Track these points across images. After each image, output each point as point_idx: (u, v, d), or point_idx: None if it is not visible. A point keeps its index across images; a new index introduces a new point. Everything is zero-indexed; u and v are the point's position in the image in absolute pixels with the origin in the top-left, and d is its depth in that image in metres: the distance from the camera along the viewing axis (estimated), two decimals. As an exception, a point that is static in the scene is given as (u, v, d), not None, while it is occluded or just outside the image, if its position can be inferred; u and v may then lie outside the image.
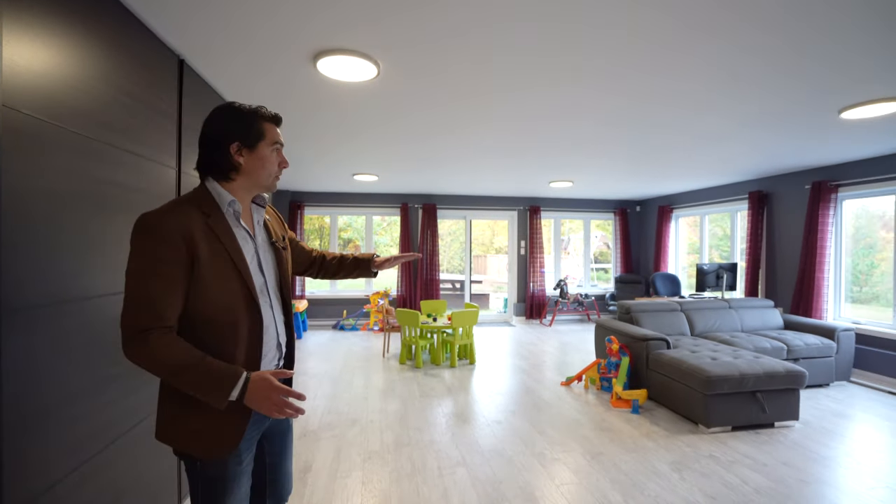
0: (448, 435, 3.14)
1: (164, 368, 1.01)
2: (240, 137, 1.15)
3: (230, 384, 1.03)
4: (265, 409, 1.06)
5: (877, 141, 3.78)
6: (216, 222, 1.13)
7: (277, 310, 1.26)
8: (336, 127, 3.51)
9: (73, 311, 1.44)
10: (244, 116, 1.17)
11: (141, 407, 1.83)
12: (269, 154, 1.19)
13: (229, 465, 1.13)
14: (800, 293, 4.95)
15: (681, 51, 2.13)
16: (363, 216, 7.86)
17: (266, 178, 1.21)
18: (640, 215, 8.51)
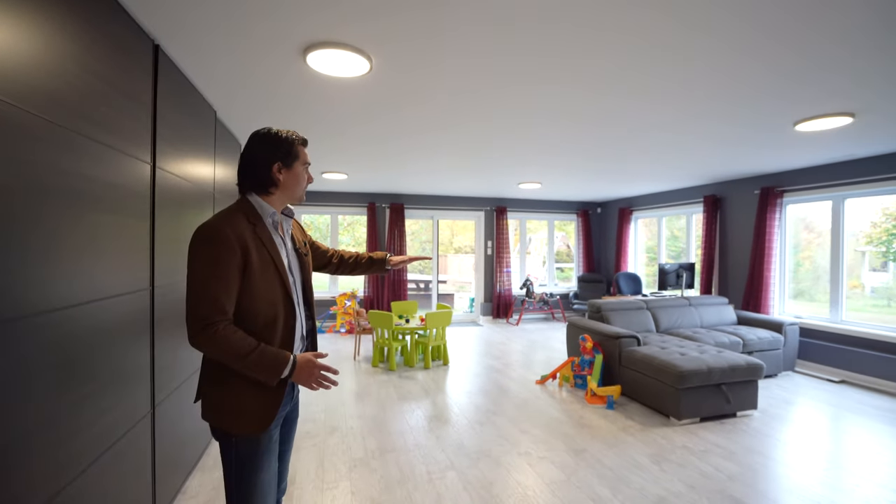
0: (432, 438, 3.11)
1: (229, 353, 1.19)
2: (281, 158, 1.36)
3: (282, 365, 1.24)
4: (307, 383, 1.28)
5: (819, 151, 4.13)
6: (261, 231, 1.33)
7: (302, 307, 1.45)
8: (317, 124, 3.38)
9: (41, 325, 1.27)
10: (283, 141, 1.36)
11: (117, 424, 1.68)
12: (302, 172, 1.43)
13: (262, 441, 1.30)
14: (750, 290, 5.32)
15: (645, 68, 2.22)
16: (328, 215, 7.64)
17: (299, 192, 1.44)
18: (601, 217, 8.84)
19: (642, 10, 1.75)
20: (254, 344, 1.21)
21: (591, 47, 2.08)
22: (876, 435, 3.18)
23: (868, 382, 4.25)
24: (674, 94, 2.68)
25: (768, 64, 2.25)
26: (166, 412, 2.17)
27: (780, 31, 1.92)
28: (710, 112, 3.02)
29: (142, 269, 1.89)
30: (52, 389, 1.31)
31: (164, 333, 2.14)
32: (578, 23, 1.86)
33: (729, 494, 2.40)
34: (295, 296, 1.38)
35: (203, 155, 2.74)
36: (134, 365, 1.82)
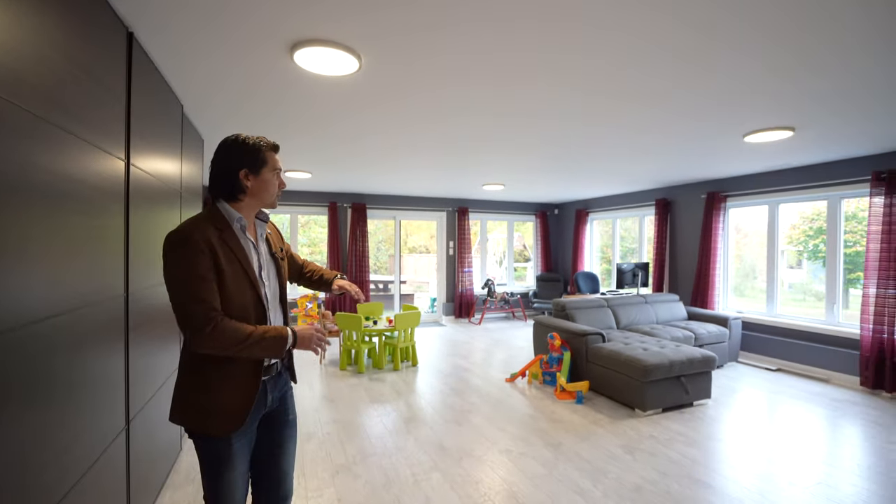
0: (411, 440, 3.10)
1: (234, 342, 1.22)
2: (248, 165, 1.36)
3: (285, 339, 1.30)
4: (309, 347, 1.36)
5: (760, 161, 4.53)
6: (229, 236, 1.33)
7: (277, 312, 1.47)
8: (292, 122, 3.27)
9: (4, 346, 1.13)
10: (250, 148, 1.36)
11: (92, 447, 1.54)
12: (271, 178, 1.41)
13: (220, 446, 1.32)
14: (697, 288, 5.73)
15: (611, 85, 2.36)
16: (287, 215, 7.38)
17: (269, 198, 1.43)
18: (558, 217, 9.16)
19: (610, 31, 1.86)
20: (251, 328, 1.26)
21: (556, 59, 2.17)
22: (809, 415, 3.55)
23: (800, 370, 4.71)
24: (637, 107, 2.84)
25: (724, 83, 2.45)
26: (141, 426, 2.02)
27: (734, 55, 2.10)
28: (670, 123, 3.23)
29: (116, 274, 1.75)
30: (16, 418, 1.18)
31: (139, 338, 2.00)
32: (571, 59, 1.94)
33: (696, 478, 2.58)
34: (266, 300, 1.39)
35: (171, 152, 2.58)
36: (107, 379, 1.68)
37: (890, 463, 2.80)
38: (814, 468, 2.71)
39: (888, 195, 4.03)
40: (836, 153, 4.20)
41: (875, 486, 2.53)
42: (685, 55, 2.13)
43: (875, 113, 3.00)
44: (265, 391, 1.42)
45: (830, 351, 4.48)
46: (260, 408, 1.41)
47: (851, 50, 2.06)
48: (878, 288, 4.07)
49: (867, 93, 2.62)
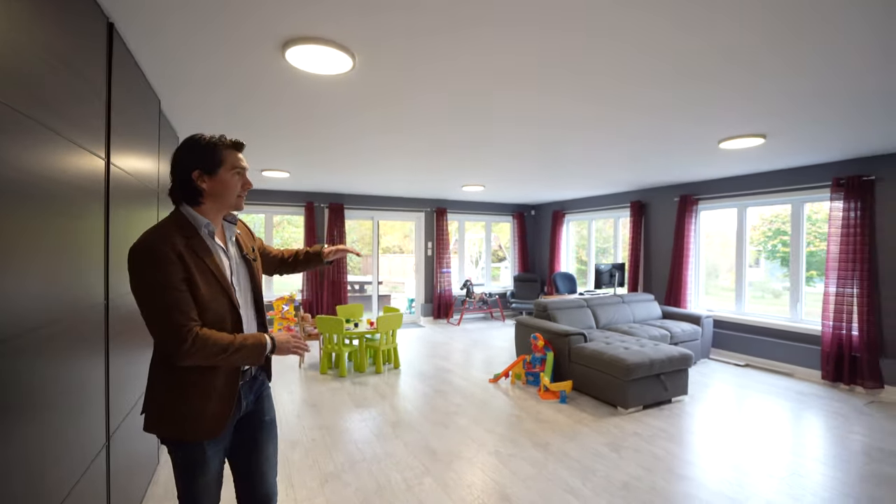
0: (399, 445, 3.07)
1: (216, 352, 1.20)
2: (200, 165, 1.29)
3: (264, 346, 1.30)
4: (288, 352, 1.35)
5: (731, 165, 4.72)
6: (197, 243, 1.28)
7: (252, 316, 1.45)
8: (278, 120, 3.17)
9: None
10: (204, 147, 1.29)
11: (71, 471, 1.44)
12: (230, 178, 1.33)
13: (193, 450, 1.30)
14: (671, 287, 5.93)
15: (595, 94, 2.41)
16: (262, 215, 7.17)
17: (230, 199, 1.35)
18: (535, 218, 9.28)
19: (601, 39, 1.89)
20: (231, 336, 1.25)
21: (543, 68, 2.19)
22: (777, 408, 3.73)
23: (766, 365, 4.95)
24: (623, 114, 2.91)
25: (704, 92, 2.54)
26: (121, 440, 1.91)
27: (714, 67, 2.17)
28: (653, 130, 3.32)
29: (96, 280, 1.65)
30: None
31: (119, 348, 1.89)
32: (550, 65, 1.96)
33: (680, 473, 2.66)
34: (241, 305, 1.37)
35: (149, 150, 2.45)
36: (87, 395, 1.58)
37: (852, 452, 2.97)
38: (786, 459, 2.85)
39: (847, 200, 4.28)
40: (800, 160, 4.43)
41: (841, 473, 2.68)
42: (670, 69, 2.19)
43: (835, 124, 3.17)
44: (239, 395, 1.39)
45: (794, 346, 4.72)
46: (235, 412, 1.38)
47: (816, 66, 2.17)
48: (838, 287, 4.32)
49: (829, 105, 2.79)
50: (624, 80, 2.39)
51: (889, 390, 4.06)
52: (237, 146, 1.35)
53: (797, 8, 1.67)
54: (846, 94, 2.61)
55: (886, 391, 4.08)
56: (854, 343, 4.21)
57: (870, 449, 3.02)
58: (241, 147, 1.37)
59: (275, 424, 1.56)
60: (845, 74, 2.31)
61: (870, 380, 4.11)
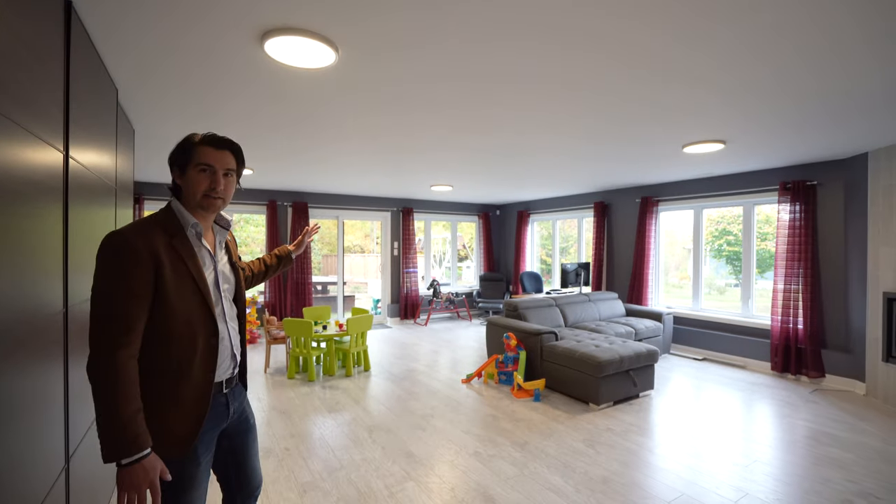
0: (377, 450, 3.00)
1: (115, 388, 1.05)
2: (176, 162, 1.28)
3: (130, 449, 1.06)
4: (123, 489, 1.06)
5: (689, 169, 4.96)
6: (180, 243, 1.24)
7: (233, 324, 1.39)
8: (242, 115, 3.00)
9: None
10: (181, 143, 1.28)
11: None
12: (195, 175, 1.26)
13: (186, 466, 1.22)
14: (633, 285, 6.16)
15: (564, 99, 2.47)
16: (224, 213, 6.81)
17: (192, 197, 1.27)
18: (500, 218, 9.38)
19: (569, 48, 1.93)
20: (136, 404, 1.09)
21: (516, 72, 2.22)
22: (734, 399, 3.96)
23: (721, 358, 5.25)
24: (592, 121, 2.99)
25: (671, 100, 2.65)
26: (81, 462, 1.74)
27: (680, 75, 2.27)
28: (621, 134, 3.43)
29: (54, 287, 1.49)
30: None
31: (80, 360, 1.71)
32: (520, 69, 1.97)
33: (655, 465, 2.76)
34: (221, 313, 1.32)
35: (107, 143, 2.26)
36: (44, 414, 1.42)
37: (803, 437, 3.19)
38: (747, 447, 3.02)
39: (792, 203, 4.61)
40: (752, 165, 4.72)
41: (797, 458, 2.88)
42: (638, 76, 2.26)
43: (785, 133, 3.41)
44: (227, 403, 1.36)
45: (746, 340, 5.03)
46: (221, 422, 1.34)
47: (767, 82, 2.31)
48: (785, 284, 4.64)
49: (779, 117, 3.01)
50: (599, 88, 2.44)
51: (830, 379, 4.41)
52: (212, 142, 1.27)
53: (752, 33, 1.77)
54: (795, 109, 2.81)
55: (827, 380, 4.42)
56: (799, 336, 4.54)
57: (818, 434, 3.26)
58: (217, 143, 1.28)
59: (255, 426, 1.55)
60: (792, 92, 2.49)
61: (813, 370, 4.44)
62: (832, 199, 4.44)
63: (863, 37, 1.87)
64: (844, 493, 2.48)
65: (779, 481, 2.60)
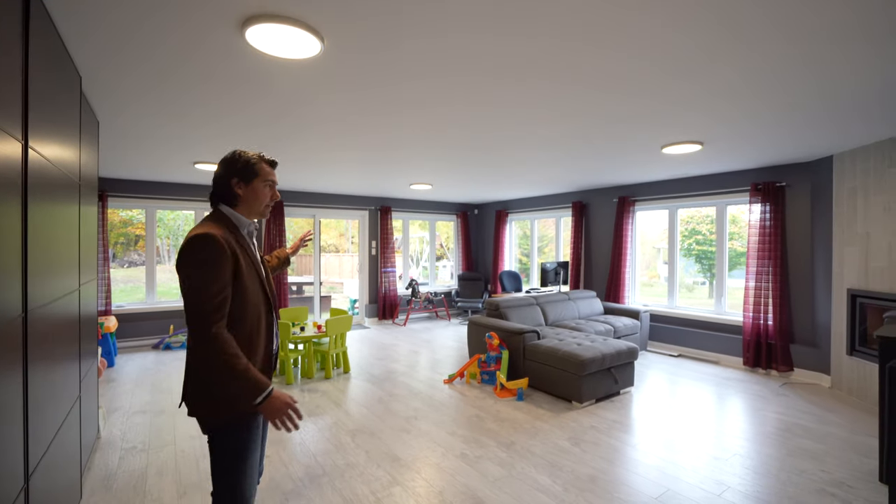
0: (361, 454, 2.92)
1: (224, 357, 1.26)
2: (240, 175, 1.47)
3: (262, 388, 1.30)
4: (273, 417, 1.32)
5: (665, 170, 5.07)
6: (240, 238, 1.46)
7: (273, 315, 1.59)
8: (216, 107, 2.86)
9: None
10: (244, 160, 1.48)
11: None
12: (262, 188, 1.50)
13: (250, 430, 1.42)
14: (611, 284, 6.26)
15: (548, 97, 2.48)
16: (191, 212, 6.55)
17: (257, 204, 1.52)
18: (478, 217, 9.38)
19: (553, 40, 1.92)
20: (245, 360, 1.30)
21: (498, 69, 2.19)
22: (711, 395, 4.06)
23: (696, 354, 5.39)
24: (574, 124, 3.00)
25: (651, 103, 2.68)
26: (42, 479, 1.60)
27: (663, 79, 2.30)
28: (603, 135, 3.46)
29: (11, 290, 1.36)
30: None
31: (40, 369, 1.58)
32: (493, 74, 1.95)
33: (640, 461, 2.79)
34: (273, 301, 1.56)
35: (71, 135, 2.10)
36: (1, 430, 1.30)
37: (776, 430, 3.29)
38: (726, 441, 3.09)
39: (763, 203, 4.77)
40: (725, 167, 4.86)
41: (773, 450, 2.96)
42: (621, 78, 2.27)
43: (757, 134, 3.51)
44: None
45: (719, 336, 5.18)
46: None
47: (738, 87, 2.36)
48: (756, 282, 4.80)
49: (753, 122, 3.09)
50: (584, 85, 2.44)
51: (798, 372, 4.59)
52: (270, 162, 1.54)
53: (732, 41, 1.80)
54: (770, 115, 2.89)
55: (796, 373, 4.60)
56: (770, 332, 4.70)
57: (790, 426, 3.38)
58: (272, 164, 1.55)
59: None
60: (765, 98, 2.56)
61: (782, 364, 4.61)
62: (800, 200, 4.62)
63: (831, 39, 1.93)
64: (819, 483, 2.56)
65: (757, 473, 2.66)
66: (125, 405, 3.77)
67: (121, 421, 3.42)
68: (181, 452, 2.92)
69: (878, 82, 2.42)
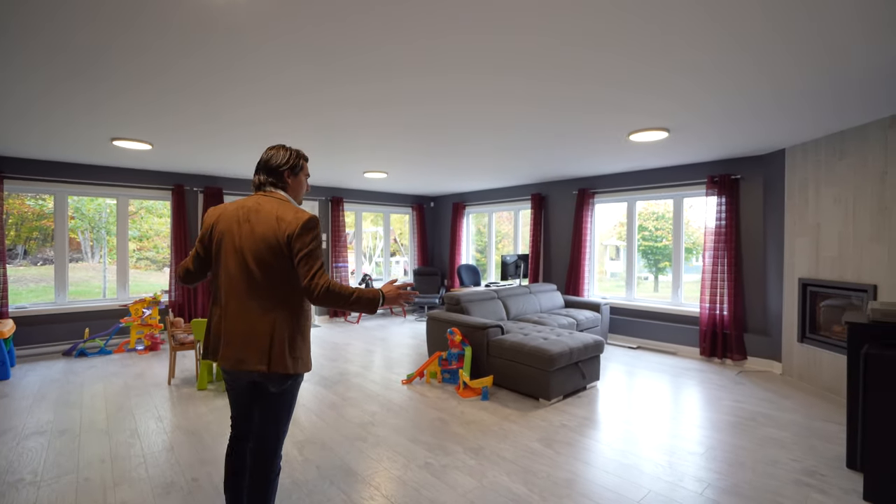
0: (312, 470, 2.55)
1: (347, 297, 1.56)
2: (293, 168, 1.73)
3: (379, 298, 1.63)
4: (396, 303, 1.71)
5: (625, 161, 5.03)
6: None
7: None
8: (138, 67, 2.36)
9: None
10: (297, 156, 1.75)
11: None
12: (304, 181, 1.80)
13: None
14: (570, 277, 6.20)
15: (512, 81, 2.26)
16: (112, 199, 5.76)
17: (300, 193, 1.79)
18: (434, 210, 9.10)
19: (516, 33, 1.69)
20: (353, 288, 1.59)
21: (466, 56, 1.94)
22: (672, 386, 4.03)
23: (655, 346, 5.42)
24: (532, 102, 2.79)
25: (618, 88, 2.52)
26: None
27: (625, 62, 2.13)
28: (565, 119, 3.29)
29: None
30: None
31: None
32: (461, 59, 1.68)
33: (616, 461, 2.63)
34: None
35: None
36: None
37: (742, 419, 3.27)
38: (699, 433, 3.01)
39: (719, 195, 4.84)
40: (683, 159, 4.88)
41: (743, 441, 2.91)
42: (583, 62, 2.07)
43: (720, 122, 3.47)
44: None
45: (677, 328, 5.23)
46: None
47: (708, 68, 2.25)
48: (713, 273, 4.86)
49: (708, 115, 3.03)
50: (543, 75, 2.22)
51: (751, 360, 4.69)
52: (307, 159, 1.81)
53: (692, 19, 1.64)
54: (720, 111, 2.82)
55: (749, 361, 4.70)
56: (725, 322, 4.78)
57: (754, 415, 3.37)
58: (308, 159, 1.92)
59: None
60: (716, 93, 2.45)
61: (737, 353, 4.70)
62: (753, 193, 4.72)
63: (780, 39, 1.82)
64: (793, 472, 2.51)
65: (733, 466, 2.58)
66: (17, 426, 3.13)
67: (8, 447, 2.81)
68: (84, 482, 2.41)
69: (829, 73, 2.38)
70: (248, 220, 1.56)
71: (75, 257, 9.93)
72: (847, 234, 3.65)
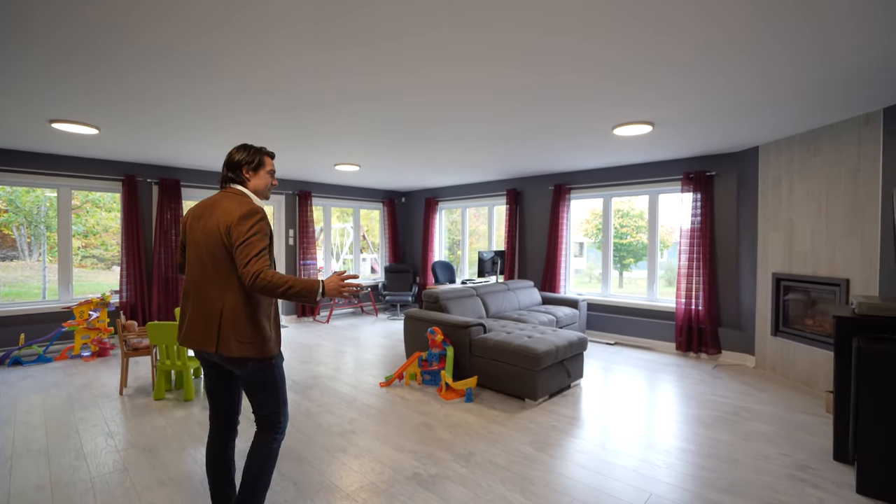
0: (290, 488, 2.31)
1: (280, 286, 1.56)
2: (249, 164, 1.81)
3: (317, 288, 1.63)
4: (338, 295, 1.69)
5: (602, 157, 5.00)
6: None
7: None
8: (75, 36, 2.03)
9: None
10: (252, 151, 1.83)
11: None
12: (265, 177, 1.86)
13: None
14: (547, 273, 6.15)
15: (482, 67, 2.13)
16: (53, 192, 5.21)
17: (263, 190, 1.86)
18: (405, 206, 8.87)
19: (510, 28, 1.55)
20: (290, 278, 1.59)
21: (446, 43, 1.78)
22: (651, 381, 4.03)
23: (632, 341, 5.45)
24: (511, 103, 2.67)
25: (604, 80, 2.43)
26: None
27: (613, 56, 2.04)
28: (549, 112, 3.18)
29: None
30: None
31: None
32: None
33: (610, 462, 2.54)
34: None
35: None
36: None
37: (726, 414, 3.28)
38: (688, 430, 2.98)
39: (694, 192, 4.89)
40: (660, 155, 4.90)
41: (731, 437, 2.90)
42: (570, 54, 1.96)
43: (704, 117, 3.47)
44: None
45: (653, 323, 5.27)
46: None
47: (697, 64, 2.20)
48: (688, 268, 4.92)
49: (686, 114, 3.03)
50: (526, 68, 2.08)
51: (726, 354, 4.78)
52: (271, 154, 1.88)
53: None
54: (700, 107, 2.79)
55: (724, 355, 4.79)
56: (700, 317, 4.84)
57: (737, 409, 3.39)
58: (272, 155, 1.88)
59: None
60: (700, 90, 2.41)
61: (711, 347, 4.78)
62: (727, 189, 4.80)
63: None
64: (784, 467, 2.51)
65: (727, 463, 2.55)
66: (-63, 448, 2.71)
67: (-75, 473, 2.41)
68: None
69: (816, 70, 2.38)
70: (204, 216, 1.71)
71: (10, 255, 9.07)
72: (820, 230, 3.74)
